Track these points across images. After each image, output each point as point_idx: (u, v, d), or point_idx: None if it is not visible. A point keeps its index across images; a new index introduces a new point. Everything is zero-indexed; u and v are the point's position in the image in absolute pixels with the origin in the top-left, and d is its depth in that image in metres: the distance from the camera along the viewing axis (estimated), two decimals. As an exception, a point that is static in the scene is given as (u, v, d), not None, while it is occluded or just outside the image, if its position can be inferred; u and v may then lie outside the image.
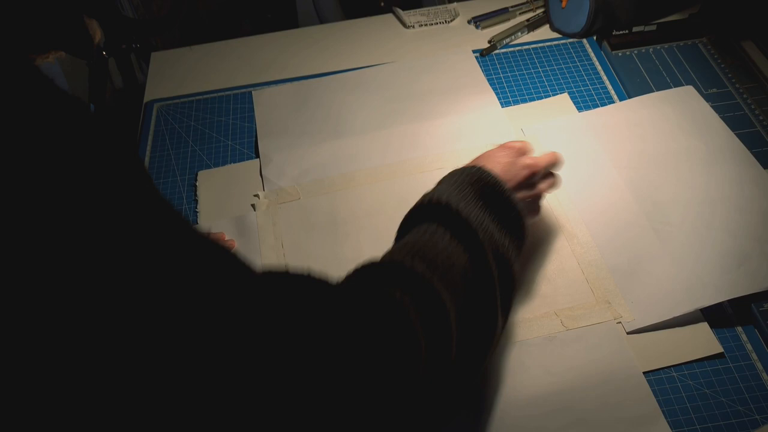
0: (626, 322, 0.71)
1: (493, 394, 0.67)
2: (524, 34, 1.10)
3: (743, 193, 0.79)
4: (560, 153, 0.74)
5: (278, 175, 0.91)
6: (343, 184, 0.89)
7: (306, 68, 1.08)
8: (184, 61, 1.13)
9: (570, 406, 0.66)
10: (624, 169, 0.85)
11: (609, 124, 0.90)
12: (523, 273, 0.76)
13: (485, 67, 1.04)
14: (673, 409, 0.65)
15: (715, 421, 0.64)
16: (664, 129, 0.88)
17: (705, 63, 0.99)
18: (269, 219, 0.85)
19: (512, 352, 0.70)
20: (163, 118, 1.02)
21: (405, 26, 1.14)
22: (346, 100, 1.01)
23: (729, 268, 0.72)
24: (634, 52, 1.02)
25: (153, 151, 0.98)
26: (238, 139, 0.98)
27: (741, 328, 0.71)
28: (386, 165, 0.90)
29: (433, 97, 0.99)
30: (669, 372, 0.68)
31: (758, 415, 0.64)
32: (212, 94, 1.06)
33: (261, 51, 1.13)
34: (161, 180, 0.93)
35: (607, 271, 0.76)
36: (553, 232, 0.80)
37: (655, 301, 0.72)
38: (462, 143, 0.92)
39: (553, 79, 1.01)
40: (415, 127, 0.95)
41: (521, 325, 0.72)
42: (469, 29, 1.13)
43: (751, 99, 0.93)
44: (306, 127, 0.97)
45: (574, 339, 0.71)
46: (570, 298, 0.74)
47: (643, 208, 0.80)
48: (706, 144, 0.86)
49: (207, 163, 0.95)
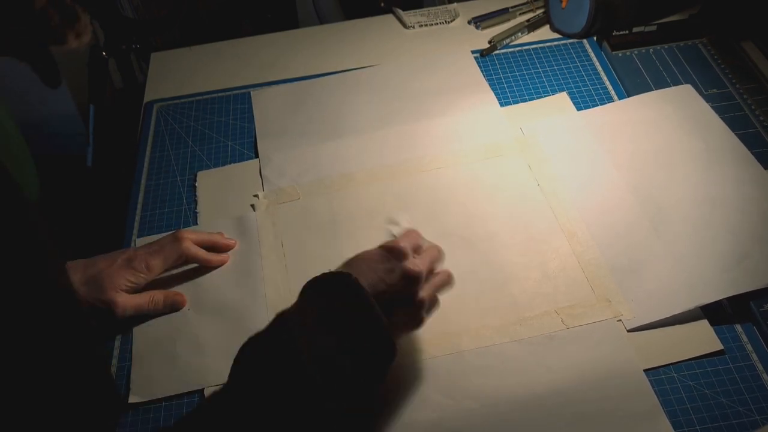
0: (626, 320, 0.71)
1: (494, 392, 0.67)
2: (524, 34, 1.10)
3: (743, 192, 0.79)
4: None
5: (278, 175, 0.91)
6: (343, 184, 0.88)
7: (306, 69, 1.08)
8: (184, 62, 1.13)
9: (571, 403, 0.66)
10: (623, 167, 0.85)
11: (607, 122, 0.90)
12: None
13: (485, 67, 1.04)
14: (674, 409, 0.65)
15: (715, 422, 0.64)
16: (662, 127, 0.88)
17: (705, 63, 0.99)
18: (269, 219, 0.85)
19: (513, 351, 0.70)
20: (163, 119, 1.02)
21: (405, 27, 1.15)
22: (346, 99, 1.01)
23: (728, 266, 0.72)
24: (634, 53, 1.02)
25: (153, 152, 0.98)
26: (238, 140, 0.98)
27: (741, 328, 0.71)
28: (386, 165, 0.90)
29: (431, 97, 0.99)
30: (669, 372, 0.68)
31: (758, 416, 0.64)
32: (212, 94, 1.06)
33: (261, 51, 1.13)
34: (161, 180, 0.93)
35: (607, 270, 0.76)
36: (552, 230, 0.80)
37: (655, 298, 0.72)
38: (461, 143, 0.92)
39: (553, 79, 1.01)
40: (414, 127, 0.95)
41: (522, 323, 0.72)
42: (470, 30, 1.13)
43: (751, 99, 0.93)
44: (305, 127, 0.97)
45: (574, 337, 0.71)
46: (570, 297, 0.74)
47: (643, 206, 0.80)
48: (705, 142, 0.86)
49: (207, 163, 0.95)
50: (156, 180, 0.93)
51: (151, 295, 0.76)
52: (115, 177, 0.98)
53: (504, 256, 0.79)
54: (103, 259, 0.76)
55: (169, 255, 0.77)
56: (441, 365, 0.70)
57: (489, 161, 0.89)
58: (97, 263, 0.76)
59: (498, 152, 0.90)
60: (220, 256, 0.81)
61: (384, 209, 0.85)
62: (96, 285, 0.74)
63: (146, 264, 0.76)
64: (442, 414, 0.66)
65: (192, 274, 0.81)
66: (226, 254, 0.82)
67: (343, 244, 0.82)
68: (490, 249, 0.79)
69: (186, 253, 0.78)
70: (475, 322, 0.73)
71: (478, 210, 0.84)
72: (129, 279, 0.75)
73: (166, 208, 0.90)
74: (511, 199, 0.84)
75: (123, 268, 0.75)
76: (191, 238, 0.79)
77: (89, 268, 0.75)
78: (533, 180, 0.86)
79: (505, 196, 0.85)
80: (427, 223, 0.83)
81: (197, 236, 0.80)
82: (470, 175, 0.88)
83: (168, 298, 0.77)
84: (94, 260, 0.76)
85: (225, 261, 0.81)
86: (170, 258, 0.77)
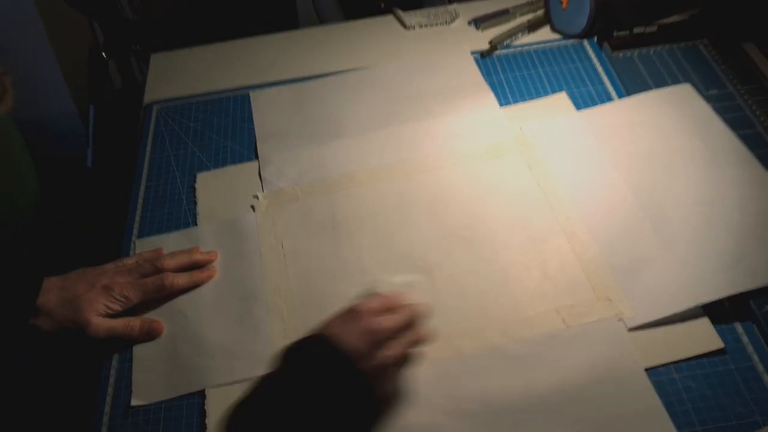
0: (627, 319, 0.71)
1: (495, 393, 0.67)
2: (525, 35, 1.10)
3: (743, 192, 0.79)
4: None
5: (277, 176, 0.91)
6: (343, 185, 0.88)
7: (306, 69, 1.08)
8: (184, 63, 1.13)
9: (572, 402, 0.65)
10: (622, 166, 0.85)
11: (607, 122, 0.90)
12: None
13: (486, 68, 1.04)
14: (674, 410, 0.65)
15: (716, 423, 0.64)
16: (662, 127, 0.88)
17: (706, 64, 0.99)
18: (269, 220, 0.85)
19: (514, 351, 0.70)
20: (163, 120, 1.02)
21: (405, 27, 1.14)
22: (346, 100, 1.01)
23: (728, 265, 0.72)
24: (634, 54, 1.02)
25: (153, 153, 0.98)
26: (238, 141, 0.98)
27: (741, 328, 0.70)
28: (385, 165, 0.90)
29: (431, 97, 0.99)
30: (670, 373, 0.68)
31: (759, 417, 0.64)
32: (212, 95, 1.06)
33: (261, 52, 1.13)
34: (161, 182, 0.93)
35: (608, 268, 0.76)
36: (552, 230, 0.80)
37: (656, 297, 0.72)
38: (461, 143, 0.92)
39: (553, 80, 1.01)
40: (414, 128, 0.95)
41: (522, 323, 0.72)
42: (470, 30, 1.13)
43: (751, 100, 0.93)
44: (305, 128, 0.97)
45: (575, 336, 0.70)
46: (571, 296, 0.74)
47: (643, 205, 0.80)
48: (704, 141, 0.86)
49: (206, 164, 0.95)
50: (156, 181, 0.93)
51: (127, 321, 0.75)
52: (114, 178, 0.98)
53: (504, 256, 0.79)
54: (80, 281, 0.76)
55: (150, 289, 0.77)
56: (441, 366, 0.70)
57: (489, 161, 0.89)
58: (75, 287, 0.75)
59: (498, 152, 0.90)
60: (207, 272, 0.80)
61: (384, 210, 0.85)
62: (72, 308, 0.73)
63: (126, 295, 0.75)
64: (444, 416, 0.66)
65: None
66: (212, 267, 0.81)
67: (343, 245, 0.82)
68: (490, 249, 0.79)
69: (170, 288, 0.77)
70: (475, 323, 0.73)
71: (478, 210, 0.83)
72: (106, 305, 0.75)
73: (166, 209, 0.90)
74: (511, 199, 0.84)
75: (101, 295, 0.75)
76: (171, 267, 0.78)
77: (65, 291, 0.75)
78: (533, 180, 0.86)
79: (505, 196, 0.85)
80: (427, 223, 0.83)
81: (177, 261, 0.80)
82: (470, 175, 0.88)
83: (144, 326, 0.75)
84: (71, 282, 0.76)
85: (213, 275, 0.80)
86: (150, 292, 0.77)
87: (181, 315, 0.77)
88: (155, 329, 0.75)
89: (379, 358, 0.61)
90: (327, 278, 0.78)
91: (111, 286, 0.75)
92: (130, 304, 0.76)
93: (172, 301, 0.78)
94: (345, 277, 0.79)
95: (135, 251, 0.84)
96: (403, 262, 0.79)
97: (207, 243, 0.84)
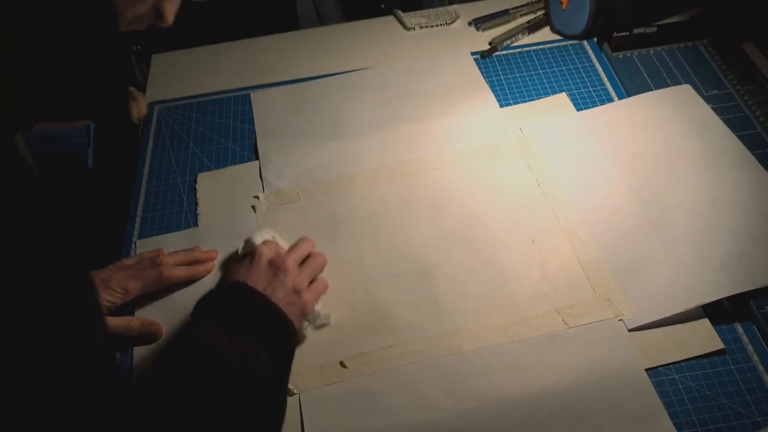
0: (627, 320, 0.71)
1: (495, 392, 0.67)
2: (525, 35, 1.10)
3: (743, 192, 0.79)
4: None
5: (278, 176, 0.91)
6: (343, 185, 0.89)
7: (307, 70, 1.08)
8: (184, 64, 1.13)
9: (572, 403, 0.66)
10: (622, 167, 0.85)
11: (607, 122, 0.91)
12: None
13: (486, 68, 1.04)
14: (675, 411, 0.65)
15: (716, 423, 0.64)
16: (662, 127, 0.88)
17: (705, 65, 0.99)
18: (269, 220, 0.85)
19: (514, 351, 0.70)
20: (164, 120, 1.02)
21: (405, 28, 1.15)
22: (346, 101, 1.01)
23: (728, 266, 0.73)
24: (634, 54, 1.02)
25: (153, 153, 0.98)
26: (239, 141, 0.98)
27: (741, 328, 0.71)
28: (385, 165, 0.90)
29: (431, 98, 0.99)
30: (670, 373, 0.68)
31: (759, 417, 0.64)
32: (213, 96, 1.06)
33: (261, 53, 1.13)
34: (162, 182, 0.93)
35: (608, 269, 0.76)
36: (552, 230, 0.80)
37: (656, 298, 0.72)
38: (461, 143, 0.92)
39: (553, 80, 1.01)
40: (414, 128, 0.95)
41: (523, 323, 0.72)
42: (470, 31, 1.13)
43: (751, 100, 0.93)
44: (306, 129, 0.97)
45: (575, 336, 0.71)
46: (571, 296, 0.74)
47: (643, 205, 0.80)
48: (704, 141, 0.86)
49: (207, 164, 0.95)
50: (157, 181, 0.93)
51: (128, 321, 0.75)
52: (115, 178, 0.98)
53: (504, 257, 0.79)
54: None
55: (148, 280, 0.77)
56: (442, 365, 0.70)
57: (489, 161, 0.89)
58: None
59: (498, 152, 0.90)
60: (204, 266, 0.80)
61: (384, 210, 0.85)
62: None
63: (123, 286, 0.75)
64: (443, 414, 0.66)
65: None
66: (211, 262, 0.81)
67: (344, 245, 0.82)
68: (490, 249, 0.79)
69: (168, 278, 0.77)
70: (475, 322, 0.73)
71: (479, 210, 0.84)
72: (105, 298, 0.74)
73: (167, 209, 0.90)
74: (511, 199, 0.84)
75: (99, 288, 0.74)
76: (170, 263, 0.79)
77: None
78: (533, 180, 0.86)
79: (505, 196, 0.85)
80: (427, 223, 0.83)
81: (176, 259, 0.80)
82: (470, 175, 0.88)
83: (144, 327, 0.75)
84: None
85: (211, 269, 0.81)
86: (149, 282, 0.77)
87: (182, 316, 0.77)
88: (155, 332, 0.75)
89: (288, 283, 0.71)
90: (327, 278, 0.78)
91: (108, 279, 0.75)
92: (129, 297, 0.76)
93: (173, 302, 0.78)
94: (345, 277, 0.79)
95: (136, 252, 0.84)
96: (403, 262, 0.79)
97: (208, 243, 0.84)
